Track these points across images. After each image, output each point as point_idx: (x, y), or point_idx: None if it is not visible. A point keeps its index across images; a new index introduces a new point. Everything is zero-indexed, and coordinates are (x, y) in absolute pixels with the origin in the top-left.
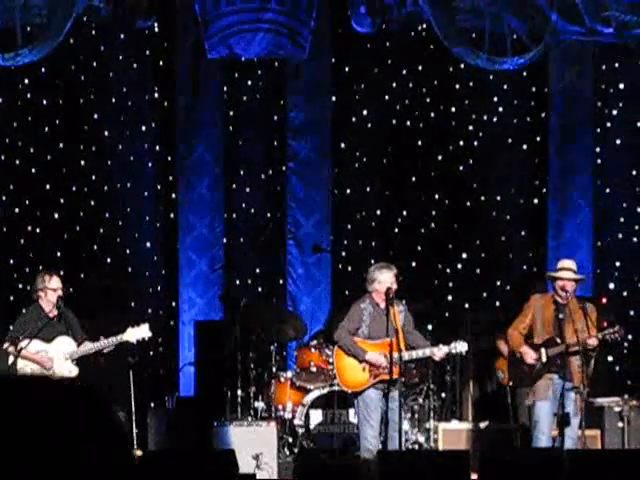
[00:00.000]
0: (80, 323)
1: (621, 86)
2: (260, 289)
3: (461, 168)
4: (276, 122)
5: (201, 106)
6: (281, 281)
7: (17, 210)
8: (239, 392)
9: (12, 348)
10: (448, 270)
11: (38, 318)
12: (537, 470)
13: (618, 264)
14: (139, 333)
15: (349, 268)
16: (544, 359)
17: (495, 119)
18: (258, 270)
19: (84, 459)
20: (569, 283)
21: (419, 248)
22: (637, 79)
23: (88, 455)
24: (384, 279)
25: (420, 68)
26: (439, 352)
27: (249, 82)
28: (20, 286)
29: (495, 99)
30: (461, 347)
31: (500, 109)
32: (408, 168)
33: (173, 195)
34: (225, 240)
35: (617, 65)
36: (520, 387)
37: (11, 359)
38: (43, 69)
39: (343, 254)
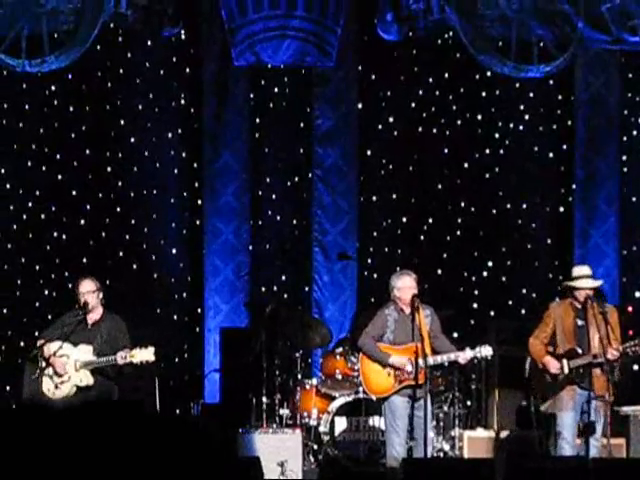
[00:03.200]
0: (127, 330)
1: None
2: (286, 296)
3: (487, 176)
4: (302, 129)
5: (227, 113)
6: (307, 288)
7: (43, 216)
8: (264, 399)
9: (43, 350)
10: (474, 278)
11: (73, 322)
12: (563, 478)
13: None
14: (143, 355)
15: (375, 275)
16: (566, 370)
17: (521, 127)
18: (284, 277)
19: None
20: (590, 290)
21: (445, 256)
22: None
23: None
24: (402, 284)
25: (446, 76)
26: (464, 356)
27: (275, 89)
28: (46, 292)
29: (521, 107)
30: (486, 351)
31: (526, 117)
32: (434, 176)
33: (199, 202)
34: (251, 247)
35: None
36: (543, 397)
37: (43, 363)
38: (70, 75)
39: (369, 261)
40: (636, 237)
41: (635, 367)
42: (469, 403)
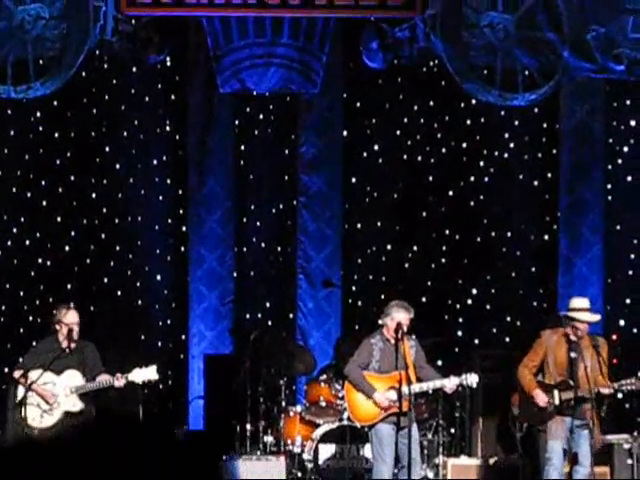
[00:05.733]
0: (100, 356)
1: (632, 123)
2: (270, 323)
3: (472, 204)
4: (287, 156)
5: (212, 140)
6: (291, 315)
7: (28, 242)
8: (248, 426)
9: (23, 380)
10: (458, 305)
11: (51, 350)
12: None
13: (628, 301)
14: (146, 375)
15: (359, 303)
16: (557, 402)
17: (506, 155)
18: (268, 304)
19: None
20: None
21: (429, 283)
22: None
23: None
24: (397, 316)
25: (431, 104)
26: (450, 383)
27: (261, 116)
28: (30, 318)
29: (506, 135)
30: (472, 379)
31: (511, 145)
32: (419, 203)
33: (184, 228)
34: (235, 274)
35: (628, 102)
36: (531, 424)
37: (21, 391)
38: (55, 102)
39: (353, 289)
40: (620, 265)
41: (619, 395)
42: (453, 431)
